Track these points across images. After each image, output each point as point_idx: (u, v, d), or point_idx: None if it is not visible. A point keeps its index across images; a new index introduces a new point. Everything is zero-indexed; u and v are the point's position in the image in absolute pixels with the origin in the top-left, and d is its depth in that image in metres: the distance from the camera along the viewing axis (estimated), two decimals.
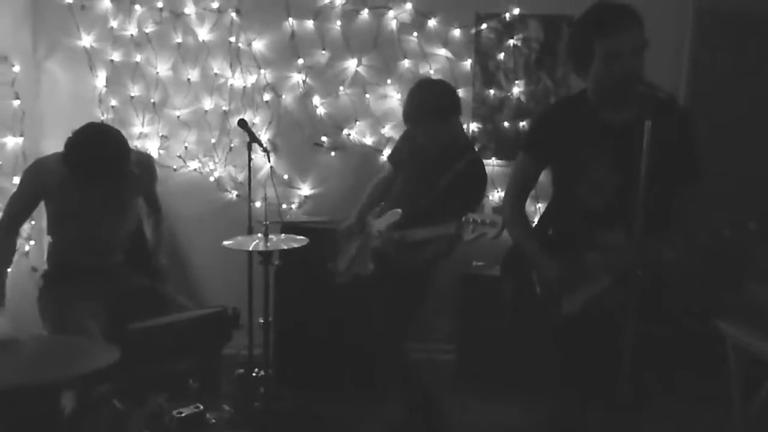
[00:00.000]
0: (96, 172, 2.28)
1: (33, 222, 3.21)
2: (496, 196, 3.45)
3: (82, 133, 2.30)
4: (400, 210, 2.52)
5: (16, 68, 3.22)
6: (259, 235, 2.48)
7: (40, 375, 1.55)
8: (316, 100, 3.43)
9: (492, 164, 3.44)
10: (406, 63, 3.37)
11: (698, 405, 2.95)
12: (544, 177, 2.10)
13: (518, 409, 2.94)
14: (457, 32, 3.37)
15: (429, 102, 2.43)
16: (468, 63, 3.39)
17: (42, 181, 2.41)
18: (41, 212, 2.58)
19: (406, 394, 2.60)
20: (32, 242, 3.29)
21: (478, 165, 2.49)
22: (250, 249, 2.43)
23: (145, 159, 2.71)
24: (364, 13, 3.36)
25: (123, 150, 2.32)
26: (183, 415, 1.86)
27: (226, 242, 2.47)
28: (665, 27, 3.15)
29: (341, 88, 3.41)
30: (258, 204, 3.34)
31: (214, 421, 1.92)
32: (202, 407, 1.91)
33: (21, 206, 2.45)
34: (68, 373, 1.59)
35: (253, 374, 2.63)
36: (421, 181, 2.51)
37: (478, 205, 2.51)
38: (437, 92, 2.47)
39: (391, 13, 3.35)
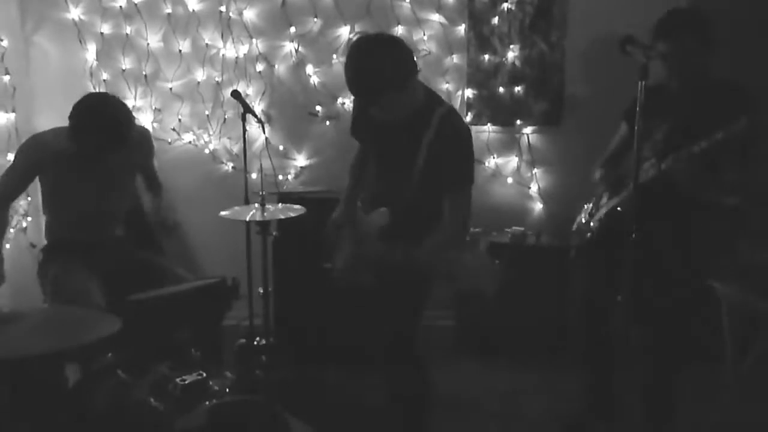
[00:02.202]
0: (106, 140, 2.26)
1: (29, 198, 3.21)
2: (492, 162, 3.45)
3: (87, 102, 2.27)
4: (385, 209, 2.13)
5: (5, 43, 3.18)
6: (256, 205, 2.49)
7: (44, 345, 1.57)
8: (310, 69, 3.40)
9: (488, 130, 3.43)
10: (399, 29, 3.33)
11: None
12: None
13: (516, 375, 2.99)
14: None
15: (384, 73, 1.87)
16: (462, 28, 3.36)
17: (38, 156, 2.40)
18: (37, 188, 2.58)
19: (404, 384, 2.27)
20: (29, 218, 3.29)
21: (451, 119, 2.03)
22: (248, 219, 2.44)
23: (143, 132, 2.69)
24: None
25: (128, 116, 2.31)
26: (186, 382, 1.89)
27: (223, 212, 2.48)
28: None
29: (334, 56, 3.38)
30: (254, 175, 3.34)
31: (217, 387, 1.95)
32: (205, 374, 1.94)
33: (15, 182, 2.43)
34: (71, 343, 1.61)
35: (255, 343, 2.67)
36: (396, 168, 2.09)
37: (472, 163, 2.07)
38: (391, 58, 1.90)
39: None
